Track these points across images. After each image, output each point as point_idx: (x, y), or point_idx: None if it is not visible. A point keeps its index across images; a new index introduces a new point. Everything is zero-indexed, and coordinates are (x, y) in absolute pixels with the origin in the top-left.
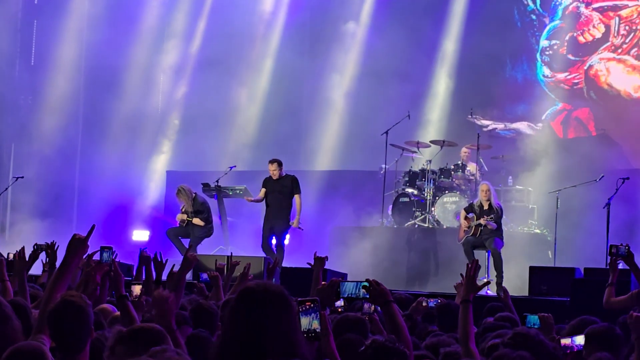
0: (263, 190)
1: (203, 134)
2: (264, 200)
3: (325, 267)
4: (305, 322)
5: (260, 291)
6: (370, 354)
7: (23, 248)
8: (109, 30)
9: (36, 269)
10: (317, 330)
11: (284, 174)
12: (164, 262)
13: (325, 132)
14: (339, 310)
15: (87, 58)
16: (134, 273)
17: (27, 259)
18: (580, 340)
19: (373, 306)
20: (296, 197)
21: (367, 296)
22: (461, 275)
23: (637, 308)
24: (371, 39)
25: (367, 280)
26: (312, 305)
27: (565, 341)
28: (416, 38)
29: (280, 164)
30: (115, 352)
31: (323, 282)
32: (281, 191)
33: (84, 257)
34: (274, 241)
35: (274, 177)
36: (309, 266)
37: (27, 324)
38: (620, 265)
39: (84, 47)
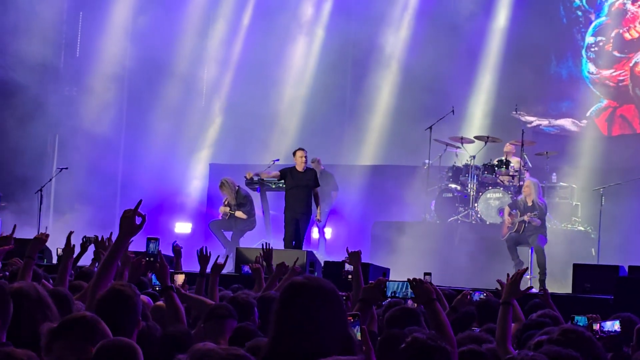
0: (277, 173)
1: (247, 126)
2: (286, 193)
3: (367, 262)
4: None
5: (313, 286)
6: (411, 351)
7: (71, 233)
8: (154, 22)
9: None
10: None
11: (307, 167)
12: (208, 255)
13: (370, 127)
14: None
15: (131, 50)
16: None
17: (72, 246)
18: (611, 326)
19: (415, 304)
20: (316, 190)
21: (413, 295)
22: (499, 281)
23: None
24: (415, 34)
25: (412, 279)
26: (353, 319)
27: (595, 326)
28: (461, 33)
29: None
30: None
31: (371, 282)
32: (307, 185)
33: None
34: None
35: (301, 166)
36: (347, 263)
37: (68, 313)
38: None
39: (129, 38)
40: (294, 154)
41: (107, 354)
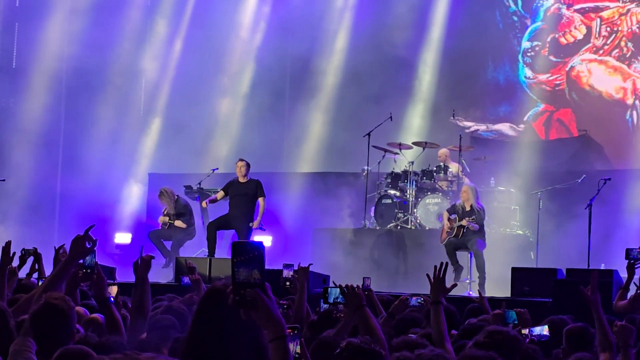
0: (222, 193)
1: (185, 135)
2: (228, 203)
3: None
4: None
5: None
6: (346, 356)
7: (9, 243)
8: (90, 32)
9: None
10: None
11: (249, 178)
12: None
13: (307, 135)
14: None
15: (69, 61)
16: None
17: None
18: (540, 330)
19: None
20: (260, 200)
21: (343, 300)
22: (427, 275)
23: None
24: (353, 39)
25: (343, 286)
26: (293, 332)
27: (524, 331)
28: (398, 39)
29: (248, 165)
30: None
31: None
32: (246, 193)
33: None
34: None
35: (241, 176)
36: (292, 275)
37: (5, 328)
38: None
39: (65, 50)
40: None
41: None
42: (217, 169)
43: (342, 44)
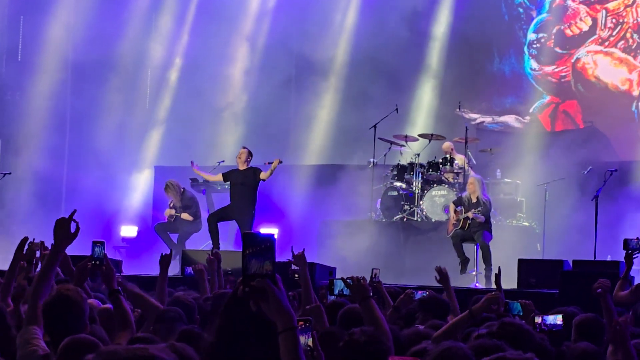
0: (220, 176)
1: (191, 128)
2: (229, 194)
3: (314, 261)
4: (301, 340)
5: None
6: (350, 348)
7: (24, 240)
8: (97, 25)
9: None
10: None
11: (249, 166)
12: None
13: (314, 127)
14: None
15: (74, 53)
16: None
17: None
18: (553, 319)
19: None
20: (261, 175)
21: (348, 292)
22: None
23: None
24: (358, 34)
25: (349, 278)
26: (305, 324)
27: (537, 319)
28: (404, 32)
29: (250, 153)
30: None
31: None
32: (244, 183)
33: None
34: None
35: (240, 163)
36: (293, 263)
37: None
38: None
39: (71, 42)
40: None
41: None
42: (223, 161)
43: (348, 33)
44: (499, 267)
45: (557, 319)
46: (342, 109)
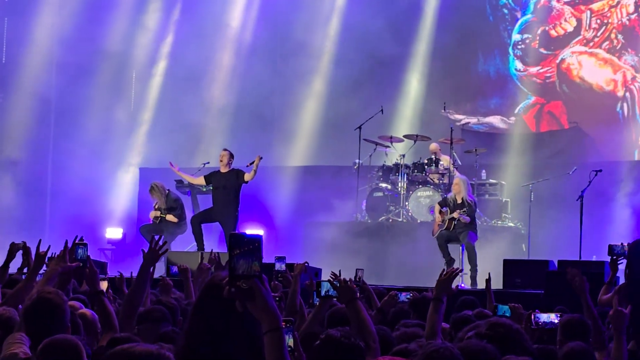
0: (202, 178)
1: (176, 130)
2: (211, 196)
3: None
4: None
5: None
6: (325, 348)
7: (12, 245)
8: (81, 26)
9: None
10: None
11: (231, 168)
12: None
13: (299, 128)
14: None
15: (58, 55)
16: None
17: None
18: (547, 317)
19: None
20: (245, 175)
21: (335, 294)
22: (443, 270)
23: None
24: (344, 34)
25: (335, 278)
26: (287, 325)
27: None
28: (389, 33)
29: (231, 155)
30: None
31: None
32: (226, 186)
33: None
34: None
35: (222, 165)
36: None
37: None
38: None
39: (55, 43)
40: None
41: (51, 351)
42: (208, 162)
43: (333, 34)
44: (489, 273)
45: (550, 317)
46: (328, 109)
